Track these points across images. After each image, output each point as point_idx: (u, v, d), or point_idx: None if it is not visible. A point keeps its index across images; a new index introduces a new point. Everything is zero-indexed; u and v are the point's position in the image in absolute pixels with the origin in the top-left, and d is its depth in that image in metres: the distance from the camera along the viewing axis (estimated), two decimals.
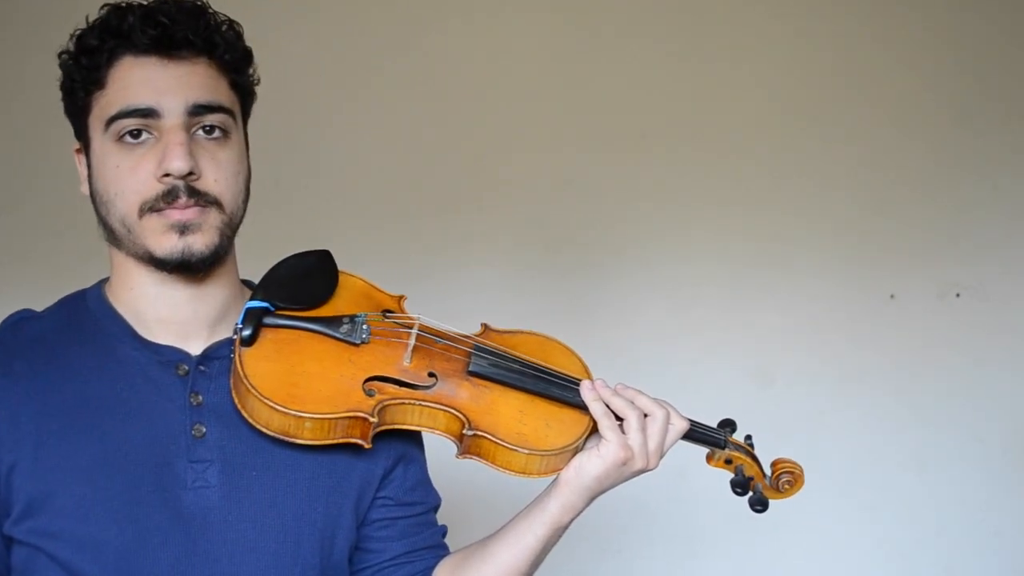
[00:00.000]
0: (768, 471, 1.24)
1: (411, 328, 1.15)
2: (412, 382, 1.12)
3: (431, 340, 1.16)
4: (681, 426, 1.15)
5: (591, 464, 1.11)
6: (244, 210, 1.14)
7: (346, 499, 1.14)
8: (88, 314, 1.13)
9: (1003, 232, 2.51)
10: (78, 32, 1.09)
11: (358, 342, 1.12)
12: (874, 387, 2.48)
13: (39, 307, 1.17)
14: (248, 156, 1.16)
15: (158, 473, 1.06)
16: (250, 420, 1.07)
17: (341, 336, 1.11)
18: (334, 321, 1.12)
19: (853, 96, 2.49)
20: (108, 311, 1.13)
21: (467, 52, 2.43)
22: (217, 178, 1.08)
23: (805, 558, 2.48)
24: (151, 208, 1.06)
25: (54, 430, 1.05)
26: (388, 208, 2.40)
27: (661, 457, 1.14)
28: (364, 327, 1.13)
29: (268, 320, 1.10)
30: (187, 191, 1.06)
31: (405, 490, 1.21)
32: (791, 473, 1.23)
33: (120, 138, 1.06)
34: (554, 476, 1.14)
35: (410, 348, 1.13)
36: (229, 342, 1.12)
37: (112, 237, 1.11)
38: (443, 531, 1.26)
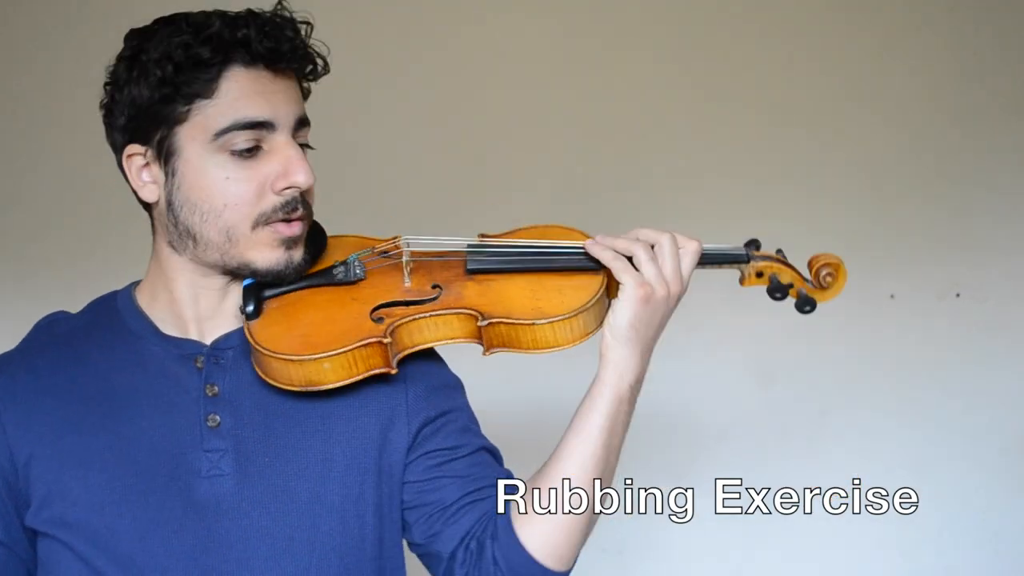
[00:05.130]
0: (806, 273, 1.21)
1: (402, 250, 1.18)
2: (417, 299, 1.14)
3: (427, 255, 1.19)
4: (692, 246, 1.16)
5: (619, 312, 1.10)
6: None
7: (367, 476, 1.13)
8: (116, 314, 1.16)
9: (1003, 232, 2.52)
10: (183, 40, 1.04)
11: (354, 280, 1.16)
12: (874, 387, 2.49)
13: (32, 307, 1.19)
14: None
15: (173, 463, 1.08)
16: (276, 384, 1.09)
17: (338, 280, 1.15)
18: (327, 271, 1.16)
19: (853, 97, 2.49)
20: (134, 310, 1.16)
21: (472, 54, 2.43)
22: (313, 191, 1.13)
23: (805, 559, 2.48)
24: (267, 221, 1.08)
25: (73, 423, 1.09)
26: (387, 207, 2.40)
27: (685, 281, 1.14)
28: (357, 263, 1.17)
29: (267, 293, 1.13)
30: (303, 203, 1.10)
31: (441, 439, 1.18)
32: (829, 264, 1.19)
33: (233, 150, 1.06)
34: (588, 340, 1.13)
35: (407, 270, 1.16)
36: (240, 329, 1.14)
37: (192, 244, 1.10)
38: (507, 474, 1.22)
